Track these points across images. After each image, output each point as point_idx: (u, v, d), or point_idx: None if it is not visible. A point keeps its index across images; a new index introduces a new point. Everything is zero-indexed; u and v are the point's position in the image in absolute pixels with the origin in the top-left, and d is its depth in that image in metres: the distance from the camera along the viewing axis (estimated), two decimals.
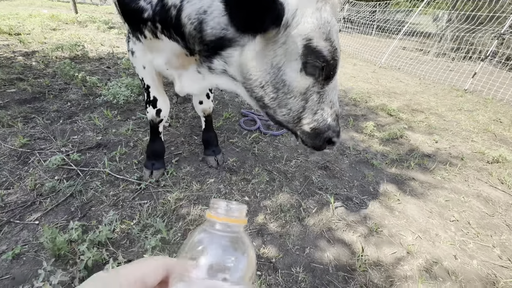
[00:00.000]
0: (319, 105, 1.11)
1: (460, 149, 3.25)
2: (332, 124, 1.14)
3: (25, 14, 8.95)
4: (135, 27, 1.37)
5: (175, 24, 1.19)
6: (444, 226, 1.99)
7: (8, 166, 2.06)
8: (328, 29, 0.97)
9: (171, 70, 1.53)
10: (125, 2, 1.30)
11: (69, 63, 4.15)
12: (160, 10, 1.21)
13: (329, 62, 1.01)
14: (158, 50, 1.46)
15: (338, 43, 1.03)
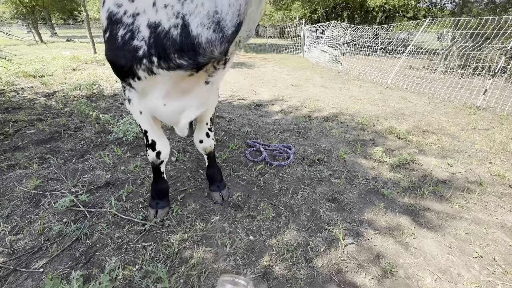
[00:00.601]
0: None
1: (478, 173, 3.08)
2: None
3: (49, 57, 9.78)
4: (128, 73, 1.35)
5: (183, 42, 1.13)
6: (467, 263, 1.83)
7: (20, 210, 2.13)
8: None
9: (170, 104, 1.48)
10: (117, 48, 1.29)
11: (85, 102, 4.41)
12: (155, 40, 1.20)
13: None
14: (154, 88, 1.41)
15: None
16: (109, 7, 1.30)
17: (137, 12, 1.23)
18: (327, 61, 11.58)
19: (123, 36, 1.27)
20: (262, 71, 9.77)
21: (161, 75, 1.31)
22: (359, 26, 12.15)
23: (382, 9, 21.63)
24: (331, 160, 3.20)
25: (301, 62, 12.47)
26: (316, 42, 13.55)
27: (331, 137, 3.94)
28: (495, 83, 6.46)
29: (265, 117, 4.74)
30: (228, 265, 1.72)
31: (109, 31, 1.31)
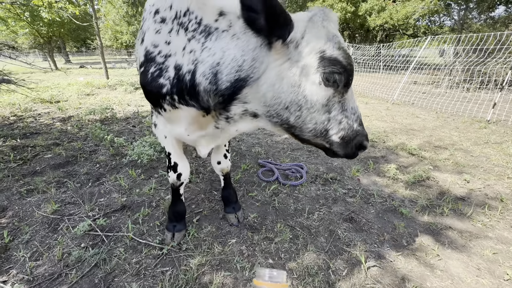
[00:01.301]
0: (342, 113, 1.18)
1: (497, 189, 3.00)
2: (359, 129, 1.21)
3: (64, 83, 10.25)
4: (156, 103, 1.50)
5: (190, 88, 1.28)
6: (498, 287, 1.74)
7: (39, 235, 2.15)
8: (338, 40, 1.10)
9: (192, 135, 1.62)
10: (146, 83, 1.44)
11: (99, 126, 4.55)
12: (177, 81, 1.33)
13: (346, 68, 1.09)
14: (178, 120, 1.55)
15: (349, 53, 1.13)
16: (147, 45, 1.45)
17: (170, 53, 1.37)
18: None
19: (153, 73, 1.41)
20: None
21: (182, 110, 1.44)
22: (360, 45, 12.47)
23: (382, 28, 22.26)
24: (344, 179, 3.17)
25: None
26: None
27: None
28: (504, 96, 6.45)
29: (275, 136, 4.79)
30: None
31: (144, 66, 1.46)
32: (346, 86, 1.14)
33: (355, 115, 1.20)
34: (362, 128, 1.23)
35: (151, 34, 1.47)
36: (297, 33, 1.10)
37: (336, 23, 1.17)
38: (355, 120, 1.20)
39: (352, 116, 1.19)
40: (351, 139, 1.21)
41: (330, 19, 1.12)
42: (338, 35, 1.12)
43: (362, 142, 1.25)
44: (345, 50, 1.10)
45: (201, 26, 1.27)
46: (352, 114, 1.19)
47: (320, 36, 1.09)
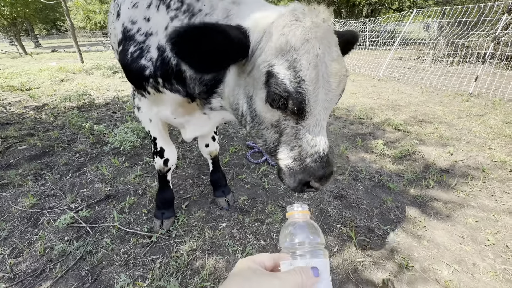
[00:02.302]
0: (296, 141, 0.96)
1: (479, 160, 3.10)
2: (312, 166, 0.95)
3: (35, 69, 9.53)
4: (139, 86, 1.41)
5: (176, 73, 1.23)
6: (480, 252, 1.83)
7: (18, 231, 2.03)
8: (294, 57, 0.84)
9: (179, 119, 1.57)
10: (126, 63, 1.35)
11: (77, 113, 4.29)
12: (161, 64, 1.25)
13: (291, 94, 0.86)
14: (163, 103, 1.50)
15: (313, 76, 0.84)
16: (124, 21, 1.35)
17: (150, 32, 1.27)
18: None
19: (132, 53, 1.31)
20: None
21: (166, 94, 1.38)
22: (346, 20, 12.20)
23: (368, 2, 21.84)
24: (334, 157, 3.18)
25: None
26: None
27: (330, 133, 3.92)
28: (485, 69, 6.56)
29: None
30: None
31: (122, 45, 1.36)
32: (299, 114, 0.90)
33: (313, 149, 0.94)
34: (318, 166, 0.94)
35: (127, 8, 1.36)
36: (253, 40, 0.93)
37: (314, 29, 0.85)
38: (310, 154, 0.94)
39: (309, 149, 0.94)
40: (298, 173, 0.98)
41: (298, 25, 0.85)
42: (300, 49, 0.84)
43: (310, 182, 0.98)
44: (297, 72, 0.84)
45: (184, 5, 1.19)
46: (310, 147, 0.94)
47: (274, 47, 0.88)
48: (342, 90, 0.94)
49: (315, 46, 0.84)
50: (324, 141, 0.95)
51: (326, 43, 0.86)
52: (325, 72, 0.86)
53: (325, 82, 0.86)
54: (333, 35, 0.91)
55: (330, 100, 0.91)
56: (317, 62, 0.84)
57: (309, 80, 0.84)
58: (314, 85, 0.85)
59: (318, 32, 0.85)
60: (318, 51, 0.84)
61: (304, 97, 0.86)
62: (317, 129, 0.93)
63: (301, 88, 0.84)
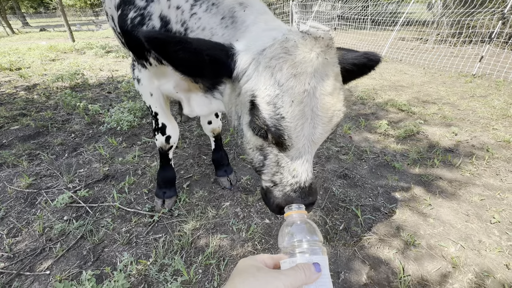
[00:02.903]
0: (278, 168, 0.93)
1: (483, 140, 3.06)
2: (291, 194, 0.90)
3: (24, 48, 9.12)
4: (140, 55, 1.33)
5: None
6: (486, 230, 1.82)
7: (15, 211, 1.97)
8: (276, 92, 0.80)
9: (181, 93, 1.48)
10: (126, 30, 1.26)
11: (70, 93, 4.13)
12: None
13: (271, 129, 0.83)
14: (165, 76, 1.42)
15: (295, 114, 0.79)
16: None
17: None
18: None
19: (133, 19, 1.23)
20: None
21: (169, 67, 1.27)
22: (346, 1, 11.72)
23: None
24: (336, 137, 3.11)
25: None
26: (305, 18, 13.09)
27: None
28: (490, 49, 6.40)
29: None
30: (246, 251, 1.65)
31: (121, 9, 1.28)
32: (280, 146, 0.86)
33: (293, 179, 0.89)
34: (297, 196, 0.89)
35: None
36: (240, 64, 0.89)
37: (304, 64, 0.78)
38: (290, 184, 0.90)
39: (289, 178, 0.90)
40: (277, 197, 0.94)
41: (286, 59, 0.79)
42: (284, 85, 0.78)
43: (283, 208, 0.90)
44: (277, 108, 0.79)
45: None
46: (291, 176, 0.89)
47: (259, 78, 0.84)
48: (335, 124, 0.86)
49: (303, 82, 0.78)
50: (307, 174, 0.89)
51: (319, 77, 0.80)
52: (315, 106, 0.80)
53: (314, 116, 0.81)
54: (330, 68, 0.82)
55: (319, 134, 0.84)
56: (303, 98, 0.78)
57: (291, 117, 0.79)
58: (297, 121, 0.80)
59: (310, 66, 0.78)
60: (307, 87, 0.78)
61: (282, 133, 0.82)
62: (300, 161, 0.88)
63: (280, 125, 0.81)
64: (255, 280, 0.41)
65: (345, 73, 0.94)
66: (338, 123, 0.87)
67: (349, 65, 0.96)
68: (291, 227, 0.55)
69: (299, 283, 0.42)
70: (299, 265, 0.45)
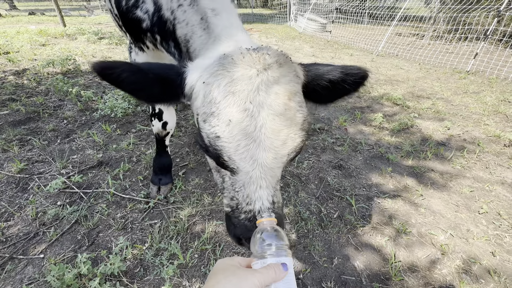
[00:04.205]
0: (234, 192, 0.85)
1: (474, 134, 3.13)
2: (245, 224, 0.83)
3: (12, 32, 8.78)
4: (137, 37, 1.32)
5: (173, 36, 1.18)
6: (474, 219, 1.88)
7: (6, 195, 1.94)
8: (212, 110, 0.75)
9: None
10: (123, 12, 1.26)
11: (62, 79, 4.02)
12: (158, 21, 1.19)
13: (209, 149, 0.77)
14: (162, 60, 1.41)
15: (234, 133, 0.73)
16: None
17: None
18: (315, 30, 11.16)
19: (127, 1, 1.23)
20: None
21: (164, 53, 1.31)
22: None
23: None
24: (332, 128, 3.13)
25: (288, 32, 11.95)
26: (303, 10, 12.95)
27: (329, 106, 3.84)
28: (485, 46, 6.48)
29: None
30: None
31: None
32: (226, 168, 0.80)
33: (247, 207, 0.81)
34: (251, 227, 0.81)
35: None
36: (188, 83, 0.84)
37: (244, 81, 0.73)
38: (245, 211, 0.82)
39: (244, 205, 0.82)
40: (234, 224, 0.87)
41: (224, 76, 0.75)
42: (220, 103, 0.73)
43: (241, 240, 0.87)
44: (212, 127, 0.74)
45: None
46: (245, 203, 0.82)
47: (200, 95, 0.80)
48: (291, 149, 0.77)
49: (243, 100, 0.72)
50: (261, 202, 0.79)
51: (264, 95, 0.73)
52: (262, 127, 0.72)
53: (264, 139, 0.73)
54: (282, 86, 0.75)
55: (273, 159, 0.75)
56: (243, 118, 0.72)
57: (228, 137, 0.73)
58: (238, 142, 0.73)
59: (250, 84, 0.73)
60: (248, 106, 0.72)
61: (220, 153, 0.75)
62: (253, 187, 0.79)
63: (216, 145, 0.74)
64: (234, 277, 0.47)
65: (321, 90, 0.87)
66: (296, 148, 0.78)
67: (324, 81, 0.87)
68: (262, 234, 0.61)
69: (270, 279, 0.49)
70: (270, 264, 0.52)
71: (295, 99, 0.77)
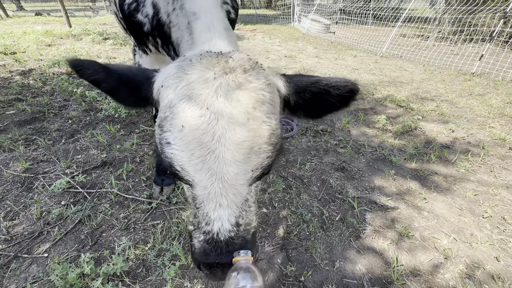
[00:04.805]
0: (195, 209, 0.76)
1: (479, 137, 3.10)
2: (204, 246, 0.73)
3: (19, 32, 8.89)
4: (140, 40, 1.35)
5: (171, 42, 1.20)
6: (478, 224, 1.86)
7: (11, 194, 1.96)
8: (166, 114, 0.71)
9: None
10: (126, 15, 1.29)
11: (67, 79, 4.06)
12: (157, 24, 1.21)
13: (161, 156, 0.72)
14: (165, 63, 1.43)
15: (187, 141, 0.67)
16: None
17: None
18: (319, 31, 11.14)
19: (129, 4, 1.26)
20: (253, 42, 9.31)
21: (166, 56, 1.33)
22: None
23: None
24: (335, 130, 3.13)
25: (292, 33, 11.95)
26: (307, 11, 12.93)
27: None
28: (491, 48, 6.41)
29: None
30: None
31: None
32: (181, 180, 0.73)
33: (206, 227, 0.73)
34: (209, 250, 0.72)
35: None
36: (155, 87, 0.80)
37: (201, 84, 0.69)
38: (204, 232, 0.73)
39: (203, 224, 0.73)
40: (193, 248, 0.77)
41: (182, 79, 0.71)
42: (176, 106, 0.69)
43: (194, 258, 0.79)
44: (162, 132, 0.71)
45: None
46: (204, 222, 0.73)
47: (160, 99, 0.76)
48: (257, 165, 0.69)
49: (199, 105, 0.67)
50: (221, 224, 0.71)
51: (224, 102, 0.67)
52: (221, 137, 0.66)
53: (223, 150, 0.66)
54: (246, 93, 0.70)
55: (234, 174, 0.68)
56: (199, 124, 0.66)
57: (180, 145, 0.67)
58: (192, 151, 0.66)
59: (207, 88, 0.68)
60: (204, 112, 0.66)
61: (172, 162, 0.69)
62: (211, 204, 0.71)
63: (168, 151, 0.69)
64: None
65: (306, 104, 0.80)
66: (263, 165, 0.70)
67: (305, 93, 0.80)
68: (237, 273, 0.63)
69: None
70: None
71: (261, 109, 0.70)
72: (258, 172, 0.71)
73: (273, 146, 0.71)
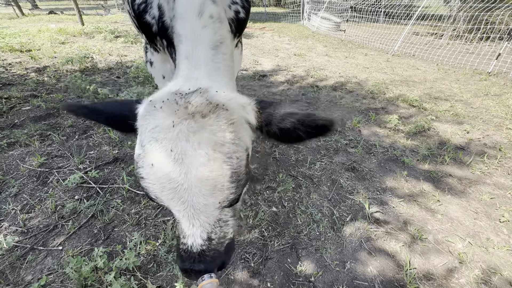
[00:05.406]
0: (177, 223, 0.85)
1: (495, 139, 3.00)
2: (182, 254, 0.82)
3: (34, 30, 9.12)
4: (151, 39, 1.36)
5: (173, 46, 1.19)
6: (495, 228, 1.80)
7: (28, 188, 2.02)
8: (139, 152, 0.77)
9: None
10: (137, 15, 1.31)
11: (80, 76, 4.14)
12: (162, 26, 1.21)
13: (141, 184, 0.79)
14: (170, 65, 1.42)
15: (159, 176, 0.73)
16: None
17: None
18: (329, 29, 11.00)
19: (139, 5, 1.27)
20: (262, 41, 9.27)
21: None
22: None
23: None
24: (345, 130, 3.08)
25: (301, 31, 11.85)
26: (317, 9, 12.79)
27: (342, 106, 3.79)
28: (508, 47, 6.19)
29: (271, 87, 4.53)
30: (254, 237, 1.67)
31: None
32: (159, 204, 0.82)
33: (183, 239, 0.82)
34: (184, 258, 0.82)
35: None
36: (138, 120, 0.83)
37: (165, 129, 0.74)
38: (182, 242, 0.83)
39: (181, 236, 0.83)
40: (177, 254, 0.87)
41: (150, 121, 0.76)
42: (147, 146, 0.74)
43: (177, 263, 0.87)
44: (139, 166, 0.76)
45: None
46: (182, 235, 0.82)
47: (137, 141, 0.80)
48: (222, 199, 0.76)
49: (165, 147, 0.72)
50: (194, 239, 0.80)
51: (186, 145, 0.72)
52: (188, 173, 0.72)
53: (192, 185, 0.73)
54: (205, 136, 0.73)
55: (203, 205, 0.75)
56: (167, 163, 0.72)
57: (153, 180, 0.74)
58: (163, 185, 0.73)
59: (169, 132, 0.72)
60: (170, 153, 0.72)
61: (147, 192, 0.77)
62: (187, 223, 0.79)
63: (143, 184, 0.77)
64: None
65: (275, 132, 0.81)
66: (228, 198, 0.76)
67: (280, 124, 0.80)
68: None
69: None
70: None
71: (221, 150, 0.74)
72: (226, 203, 0.78)
73: (235, 183, 0.76)
